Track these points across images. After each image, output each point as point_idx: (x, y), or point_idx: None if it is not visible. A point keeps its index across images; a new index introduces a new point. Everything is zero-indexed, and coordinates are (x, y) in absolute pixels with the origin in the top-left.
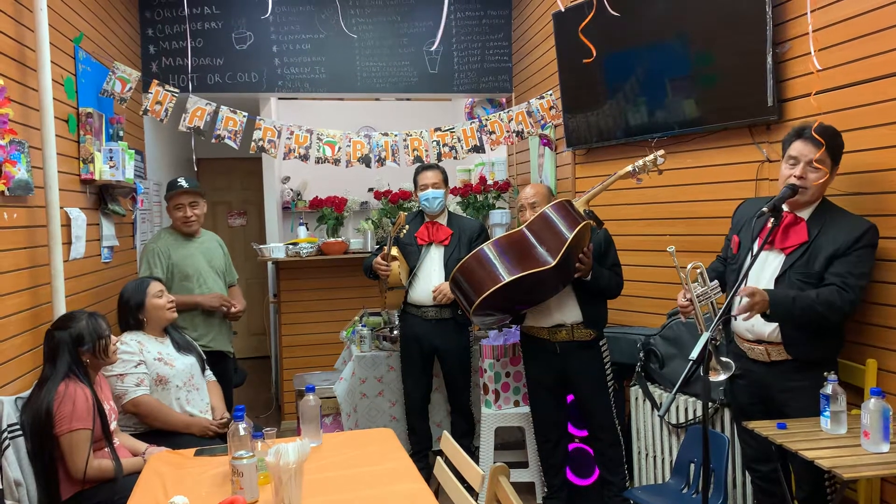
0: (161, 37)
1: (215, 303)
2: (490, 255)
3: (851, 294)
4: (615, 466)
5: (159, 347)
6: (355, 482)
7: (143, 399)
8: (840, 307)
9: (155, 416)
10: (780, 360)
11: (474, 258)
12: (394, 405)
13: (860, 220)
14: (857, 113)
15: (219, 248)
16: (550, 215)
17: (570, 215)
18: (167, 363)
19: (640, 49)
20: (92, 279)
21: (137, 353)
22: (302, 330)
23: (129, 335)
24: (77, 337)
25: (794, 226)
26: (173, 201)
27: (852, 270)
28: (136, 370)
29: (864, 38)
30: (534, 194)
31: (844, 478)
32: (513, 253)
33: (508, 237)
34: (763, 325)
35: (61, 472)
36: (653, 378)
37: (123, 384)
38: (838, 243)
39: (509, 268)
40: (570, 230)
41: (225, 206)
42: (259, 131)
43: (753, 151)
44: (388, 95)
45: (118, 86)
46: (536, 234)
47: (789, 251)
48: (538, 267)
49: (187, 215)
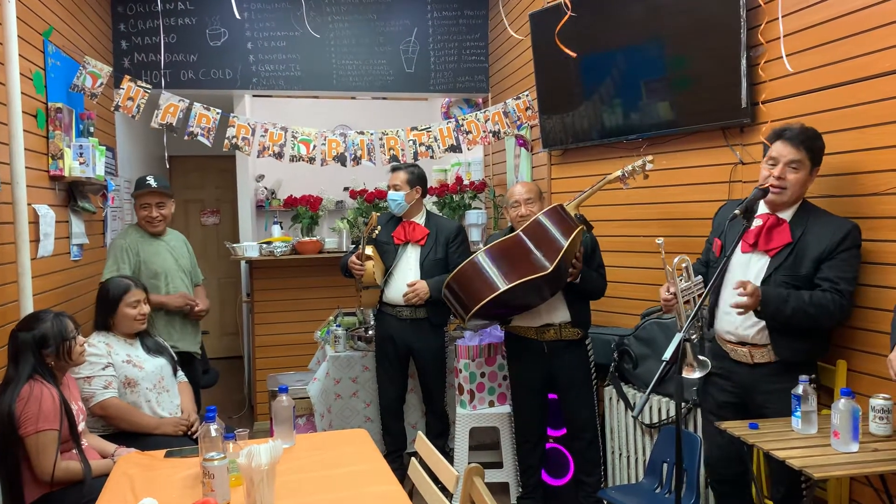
0: (133, 32)
1: (179, 302)
2: (485, 263)
3: (846, 301)
4: (592, 467)
5: (128, 350)
6: (329, 484)
7: (110, 402)
8: (833, 312)
9: (123, 419)
10: (763, 362)
11: (470, 266)
12: (368, 406)
13: (843, 220)
14: (831, 116)
15: (184, 247)
16: (545, 222)
17: (565, 221)
18: (136, 365)
19: (615, 51)
20: (60, 277)
21: (105, 355)
22: (275, 330)
23: (98, 336)
24: (41, 338)
25: (777, 227)
26: (140, 200)
27: (844, 275)
28: (103, 372)
29: (838, 42)
30: (527, 191)
31: (815, 477)
32: (508, 260)
33: (502, 244)
34: (747, 327)
35: (26, 475)
36: (626, 378)
37: (91, 387)
38: (823, 245)
39: (505, 275)
40: (566, 237)
41: (198, 205)
42: (233, 129)
43: (727, 153)
44: (364, 94)
45: (89, 81)
46: (532, 241)
47: (774, 253)
48: (534, 274)
49: (153, 215)
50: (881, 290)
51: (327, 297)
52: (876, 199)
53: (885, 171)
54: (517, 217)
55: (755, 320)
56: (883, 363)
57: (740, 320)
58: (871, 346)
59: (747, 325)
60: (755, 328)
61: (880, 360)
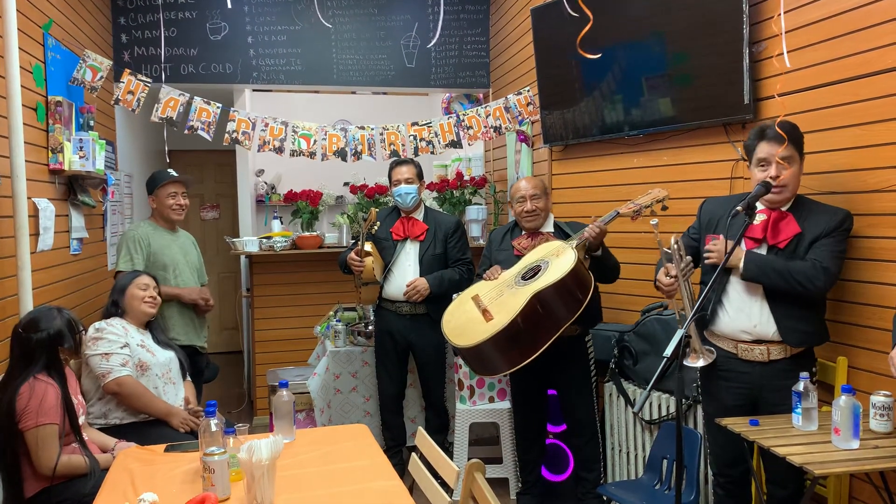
0: (134, 25)
1: (195, 296)
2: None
3: (822, 273)
4: (592, 462)
5: (141, 336)
6: (329, 479)
7: (126, 379)
8: (809, 273)
9: (137, 398)
10: (778, 358)
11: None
12: (368, 401)
13: (837, 208)
14: (831, 113)
15: (193, 246)
16: (549, 301)
17: (574, 294)
18: (149, 351)
19: (617, 47)
20: (60, 271)
21: (122, 335)
22: (275, 325)
23: (115, 319)
24: (57, 335)
25: (783, 220)
26: (166, 189)
27: (831, 250)
28: (121, 351)
29: (839, 38)
30: (532, 186)
31: (815, 474)
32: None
33: (509, 329)
34: (766, 324)
35: (26, 469)
36: (627, 374)
37: (108, 363)
38: (821, 228)
39: (525, 351)
40: (573, 312)
41: (198, 199)
42: (233, 123)
43: (728, 150)
44: (365, 89)
45: (89, 74)
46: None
47: (784, 244)
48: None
49: (180, 203)
50: (881, 287)
51: (327, 292)
52: (876, 196)
53: (886, 168)
54: (522, 212)
55: (770, 316)
56: (883, 360)
57: (757, 316)
58: (872, 343)
59: (766, 322)
60: (774, 325)
61: (881, 356)
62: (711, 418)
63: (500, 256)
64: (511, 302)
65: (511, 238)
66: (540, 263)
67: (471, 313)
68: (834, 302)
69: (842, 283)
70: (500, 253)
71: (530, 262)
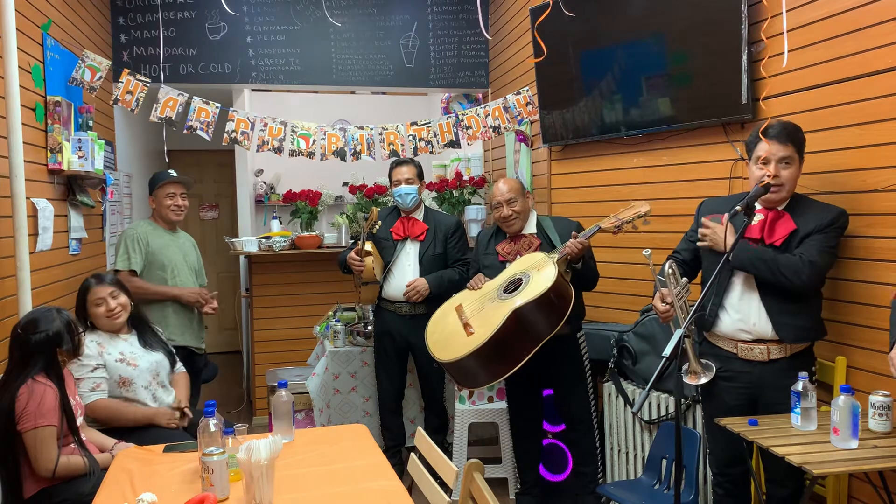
0: (133, 25)
1: (193, 297)
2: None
3: (807, 267)
4: (589, 456)
5: (122, 346)
6: (328, 479)
7: (98, 404)
8: (800, 270)
9: (115, 417)
10: (778, 357)
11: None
12: (367, 401)
13: (832, 206)
14: (831, 112)
15: (192, 248)
16: (528, 315)
17: (552, 310)
18: (129, 363)
19: (616, 47)
20: (59, 272)
21: (96, 356)
22: (274, 325)
23: (89, 336)
24: (56, 336)
25: (779, 219)
26: (165, 189)
27: (821, 245)
28: (91, 375)
29: (838, 38)
30: (508, 190)
31: (814, 474)
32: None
33: (495, 343)
34: (764, 322)
35: (25, 470)
36: (626, 374)
37: (79, 389)
38: (814, 224)
39: (514, 358)
40: (553, 326)
41: (197, 199)
42: (232, 123)
43: (727, 149)
44: (364, 89)
45: (88, 74)
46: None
47: (780, 242)
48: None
49: (178, 204)
50: (879, 287)
51: (326, 292)
52: (876, 196)
53: (886, 168)
54: (500, 218)
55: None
56: (882, 359)
57: (756, 315)
58: (871, 343)
59: (765, 321)
60: (770, 326)
61: (880, 356)
62: (711, 418)
63: (486, 261)
64: (492, 316)
65: (495, 242)
66: (521, 276)
67: (453, 326)
68: (833, 302)
69: (841, 282)
70: (486, 258)
71: (512, 273)
